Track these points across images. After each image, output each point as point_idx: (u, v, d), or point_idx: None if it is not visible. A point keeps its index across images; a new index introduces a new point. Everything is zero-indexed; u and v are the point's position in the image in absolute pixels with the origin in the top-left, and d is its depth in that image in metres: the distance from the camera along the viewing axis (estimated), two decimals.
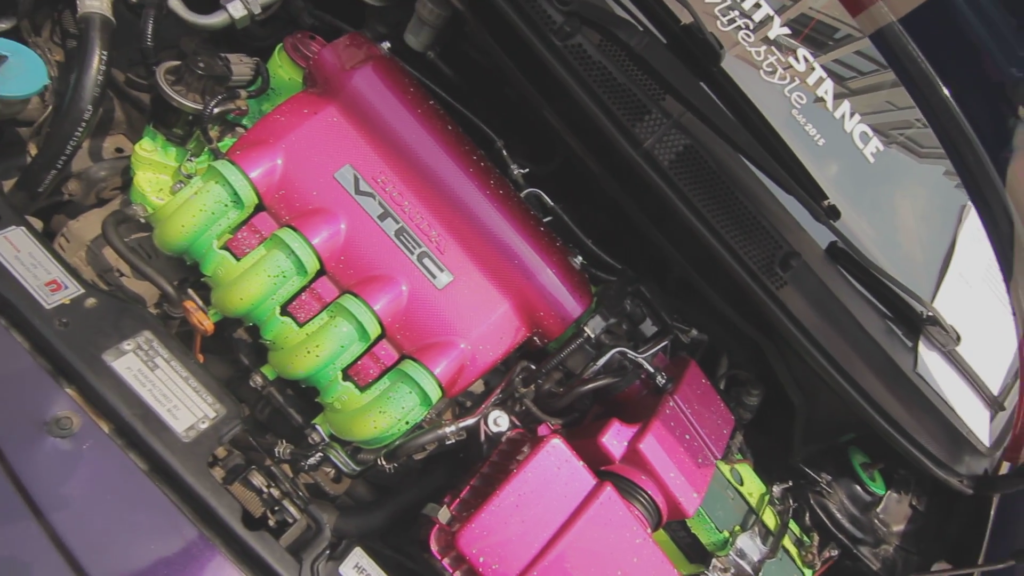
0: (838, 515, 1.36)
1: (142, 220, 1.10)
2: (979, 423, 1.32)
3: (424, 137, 1.06)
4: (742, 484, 1.24)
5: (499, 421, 1.11)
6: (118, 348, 0.86)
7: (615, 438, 1.03)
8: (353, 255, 1.03)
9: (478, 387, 1.20)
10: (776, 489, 1.29)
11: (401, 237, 1.05)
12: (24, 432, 0.79)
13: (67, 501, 0.79)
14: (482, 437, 1.09)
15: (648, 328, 1.21)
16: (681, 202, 1.11)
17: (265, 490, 0.89)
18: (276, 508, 0.89)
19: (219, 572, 0.83)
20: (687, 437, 1.08)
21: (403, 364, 1.01)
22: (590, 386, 1.09)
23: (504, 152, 1.28)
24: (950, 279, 1.34)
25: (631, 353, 1.11)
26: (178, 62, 1.08)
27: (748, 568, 1.17)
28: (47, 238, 1.23)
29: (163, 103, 1.06)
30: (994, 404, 1.36)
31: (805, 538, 1.32)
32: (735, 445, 1.24)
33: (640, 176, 1.10)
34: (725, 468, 1.22)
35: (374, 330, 1.01)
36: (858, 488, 1.39)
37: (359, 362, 1.02)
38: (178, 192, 1.03)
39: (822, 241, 1.20)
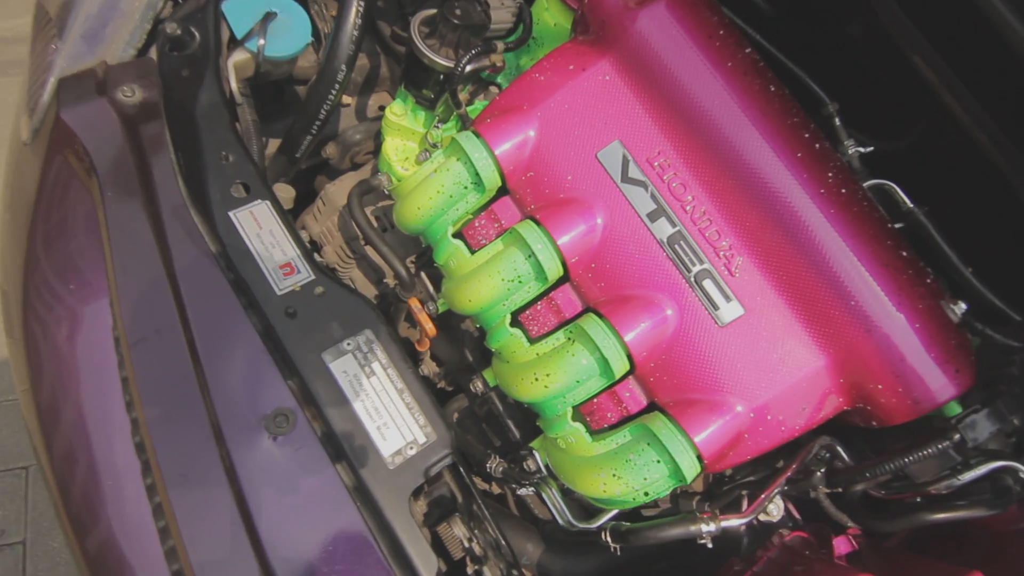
0: None
1: (387, 191, 1.01)
2: None
3: (730, 105, 0.72)
4: None
5: (770, 509, 0.80)
6: (338, 348, 0.77)
7: None
8: (607, 263, 0.78)
9: None
10: None
11: (676, 246, 0.76)
12: (245, 425, 0.76)
13: (271, 500, 0.74)
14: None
15: None
16: None
17: (466, 543, 0.74)
18: (475, 565, 0.74)
19: None
20: None
21: (652, 419, 0.74)
22: (943, 516, 0.68)
23: (836, 120, 0.89)
24: None
25: None
26: (434, 11, 0.93)
27: None
28: (309, 197, 1.25)
29: (415, 60, 0.92)
30: None
31: None
32: None
33: None
34: None
35: (620, 367, 0.75)
36: None
37: (595, 399, 0.79)
38: (420, 167, 0.90)
39: None
